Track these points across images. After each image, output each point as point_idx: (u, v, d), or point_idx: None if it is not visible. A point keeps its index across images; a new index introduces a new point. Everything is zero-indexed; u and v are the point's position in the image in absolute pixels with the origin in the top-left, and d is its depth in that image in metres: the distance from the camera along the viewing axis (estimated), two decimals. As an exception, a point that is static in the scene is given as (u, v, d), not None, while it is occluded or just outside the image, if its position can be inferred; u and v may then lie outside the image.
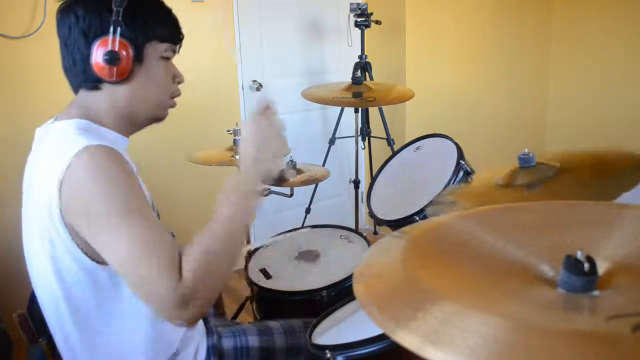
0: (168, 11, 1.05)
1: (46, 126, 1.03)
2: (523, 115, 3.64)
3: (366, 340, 1.02)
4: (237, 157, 0.92)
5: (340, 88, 2.27)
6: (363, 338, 1.03)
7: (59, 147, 0.92)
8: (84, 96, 1.02)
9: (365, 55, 2.74)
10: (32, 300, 1.27)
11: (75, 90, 1.03)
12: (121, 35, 0.96)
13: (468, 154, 1.60)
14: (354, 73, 2.73)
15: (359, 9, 2.63)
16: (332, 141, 2.86)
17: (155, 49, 1.02)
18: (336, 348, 1.05)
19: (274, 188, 1.96)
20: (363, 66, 2.74)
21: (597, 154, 1.15)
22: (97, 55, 0.96)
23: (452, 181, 1.51)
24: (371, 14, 2.66)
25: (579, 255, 0.55)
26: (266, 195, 2.01)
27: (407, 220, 1.52)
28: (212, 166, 2.05)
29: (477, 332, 0.47)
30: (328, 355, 1.04)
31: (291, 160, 1.99)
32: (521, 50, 3.50)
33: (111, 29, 0.95)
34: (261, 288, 1.57)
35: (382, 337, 1.01)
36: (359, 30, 2.71)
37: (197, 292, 0.84)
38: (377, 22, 2.70)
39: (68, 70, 1.01)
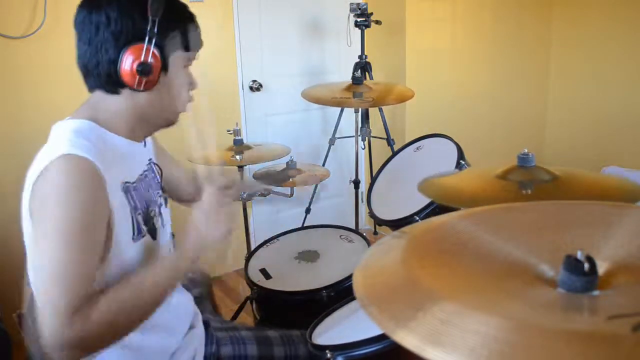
0: (194, 20, 1.04)
1: (58, 123, 1.01)
2: (523, 115, 3.64)
3: (366, 340, 1.02)
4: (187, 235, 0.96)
5: (340, 88, 2.27)
6: (363, 338, 1.03)
7: (47, 148, 0.92)
8: (99, 98, 1.00)
9: (365, 55, 2.74)
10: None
11: (91, 89, 1.01)
12: (154, 44, 0.95)
13: (468, 154, 1.60)
14: (354, 73, 2.74)
15: (359, 9, 2.63)
16: (332, 141, 2.86)
17: (179, 58, 1.01)
18: (336, 348, 1.05)
19: (274, 188, 1.96)
20: (363, 66, 2.74)
21: (596, 178, 1.16)
22: (127, 62, 0.94)
23: (452, 181, 1.51)
24: (371, 14, 2.67)
25: (579, 255, 0.55)
26: (266, 195, 2.02)
27: (407, 220, 1.52)
28: (212, 166, 2.05)
29: (477, 332, 0.47)
30: (328, 355, 1.05)
31: (291, 160, 1.99)
32: (521, 50, 3.50)
33: (147, 39, 0.93)
34: (261, 288, 1.57)
35: (382, 337, 1.01)
36: (359, 30, 2.71)
37: (82, 348, 0.82)
38: (377, 22, 2.70)
39: (88, 69, 0.98)
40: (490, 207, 0.80)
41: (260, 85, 2.90)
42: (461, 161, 1.54)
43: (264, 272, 1.65)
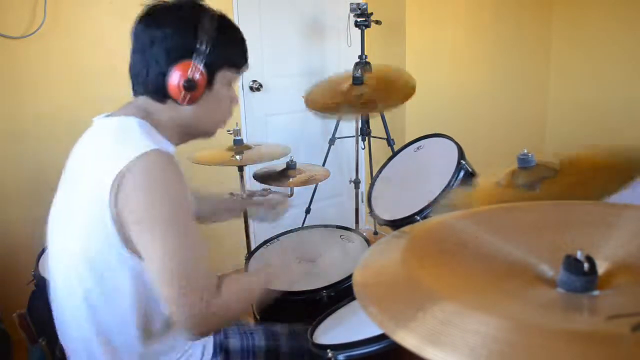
0: (244, 40, 1.09)
1: (101, 118, 1.04)
2: (523, 115, 3.64)
3: (367, 339, 1.02)
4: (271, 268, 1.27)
5: (340, 88, 2.26)
6: (364, 337, 1.03)
7: (121, 143, 0.94)
8: (145, 102, 1.04)
9: (365, 55, 2.74)
10: (32, 300, 1.27)
11: (137, 94, 1.05)
12: (201, 62, 0.99)
13: (468, 153, 1.59)
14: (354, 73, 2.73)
15: (359, 9, 2.63)
16: (332, 141, 2.86)
17: (224, 76, 1.06)
18: (337, 347, 1.05)
19: (273, 188, 1.96)
20: (363, 66, 2.73)
21: (595, 154, 1.15)
22: (175, 77, 0.99)
23: (453, 181, 1.51)
24: (371, 14, 2.67)
25: (579, 255, 0.55)
26: (266, 195, 2.02)
27: (408, 220, 1.52)
28: (212, 166, 2.05)
29: (477, 332, 0.47)
30: (329, 354, 1.05)
31: (291, 160, 1.99)
32: (521, 50, 3.50)
33: (194, 56, 0.98)
34: (261, 288, 1.56)
35: (383, 337, 1.01)
36: (359, 30, 2.71)
37: (213, 321, 0.91)
38: (377, 22, 2.70)
39: (138, 77, 1.03)
40: (490, 207, 0.80)
41: (260, 85, 2.90)
42: (462, 161, 1.54)
43: (264, 272, 1.65)
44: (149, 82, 1.01)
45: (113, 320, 0.98)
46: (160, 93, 1.01)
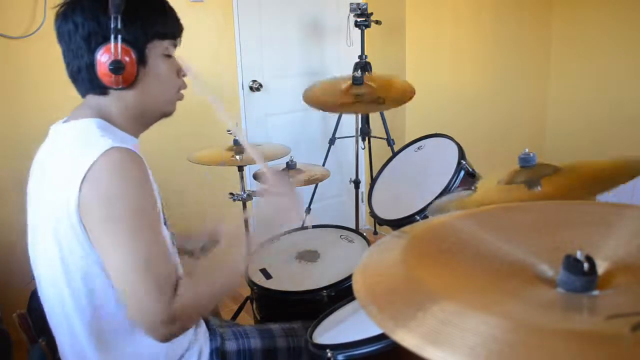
0: (165, 6, 1.03)
1: (59, 125, 1.02)
2: (523, 115, 3.64)
3: (366, 339, 1.02)
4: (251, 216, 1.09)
5: (340, 88, 2.26)
6: (364, 337, 1.03)
7: (83, 146, 0.92)
8: (93, 100, 1.02)
9: (365, 55, 2.74)
10: (32, 300, 1.27)
11: (83, 95, 1.03)
12: (122, 40, 0.95)
13: (468, 153, 1.60)
14: (354, 73, 2.73)
15: (359, 9, 2.64)
16: (332, 141, 2.86)
17: (156, 48, 1.01)
18: (337, 347, 1.05)
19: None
20: (363, 66, 2.74)
21: (596, 165, 1.16)
22: (101, 64, 0.95)
23: (453, 181, 1.51)
24: (371, 13, 2.67)
25: (579, 255, 0.55)
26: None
27: (408, 220, 1.52)
28: (212, 166, 2.05)
29: (477, 332, 0.47)
30: (329, 354, 1.05)
31: (291, 160, 1.99)
32: (521, 50, 3.50)
33: (112, 37, 0.93)
34: (261, 288, 1.57)
35: (382, 337, 1.01)
36: (359, 30, 2.71)
37: (180, 321, 0.88)
38: (377, 22, 2.70)
39: (74, 76, 1.00)
40: (490, 207, 0.80)
41: (260, 85, 2.90)
42: (462, 161, 1.54)
43: (264, 272, 1.65)
44: (84, 78, 0.98)
45: (105, 322, 0.98)
46: (97, 85, 0.98)
